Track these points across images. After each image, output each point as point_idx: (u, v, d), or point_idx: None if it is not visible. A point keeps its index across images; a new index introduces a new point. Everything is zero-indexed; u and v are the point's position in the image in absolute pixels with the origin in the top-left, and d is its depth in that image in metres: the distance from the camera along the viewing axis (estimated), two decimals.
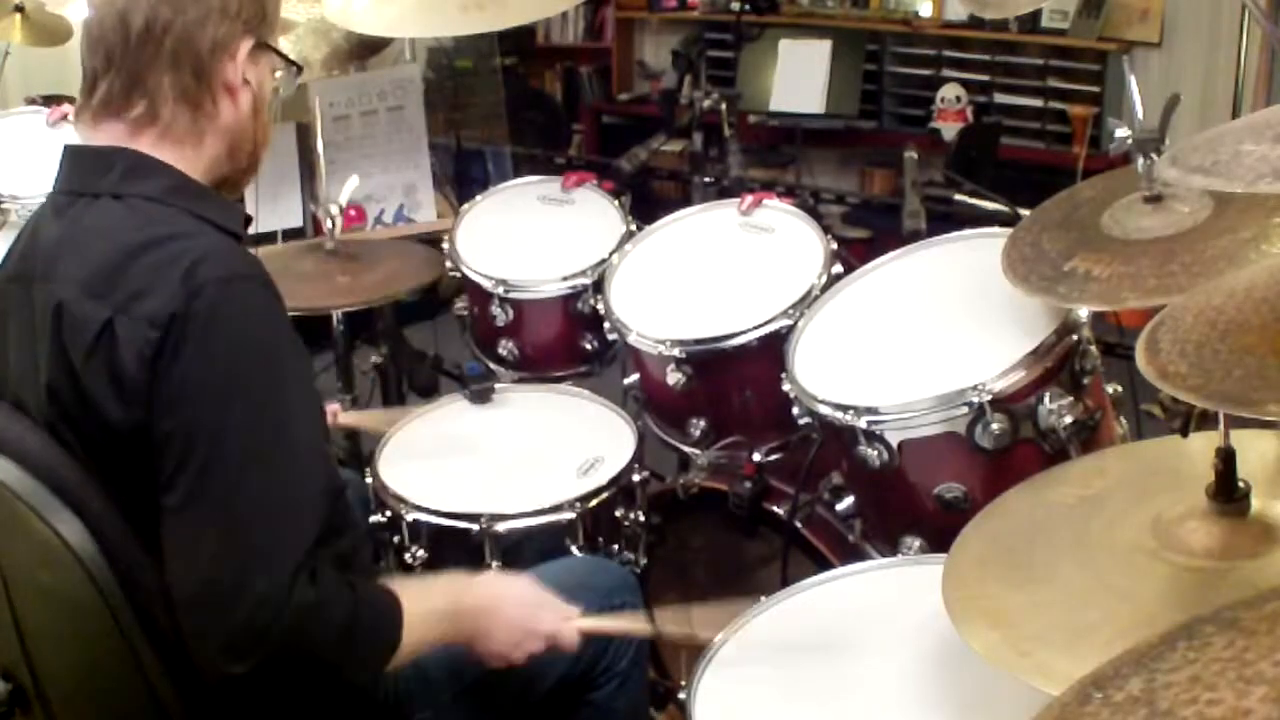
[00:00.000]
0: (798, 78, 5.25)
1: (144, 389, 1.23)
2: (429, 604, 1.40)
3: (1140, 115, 1.59)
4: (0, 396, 1.36)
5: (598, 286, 2.23)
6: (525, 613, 1.47)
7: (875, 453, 1.62)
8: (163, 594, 1.24)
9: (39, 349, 1.30)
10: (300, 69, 1.48)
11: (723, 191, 2.64)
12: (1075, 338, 1.60)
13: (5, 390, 1.37)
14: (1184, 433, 1.22)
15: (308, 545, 1.24)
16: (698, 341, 1.96)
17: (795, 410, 1.76)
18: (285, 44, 2.78)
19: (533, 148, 5.36)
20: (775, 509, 1.94)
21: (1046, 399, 1.57)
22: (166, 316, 1.23)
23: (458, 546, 1.85)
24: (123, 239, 1.30)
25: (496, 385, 2.24)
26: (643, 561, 2.01)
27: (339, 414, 2.21)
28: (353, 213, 2.71)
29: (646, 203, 3.04)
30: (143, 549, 1.26)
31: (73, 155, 1.39)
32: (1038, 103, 5.05)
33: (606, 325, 2.13)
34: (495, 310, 2.35)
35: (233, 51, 1.36)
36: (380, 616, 1.33)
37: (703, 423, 2.03)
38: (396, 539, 1.92)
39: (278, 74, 1.46)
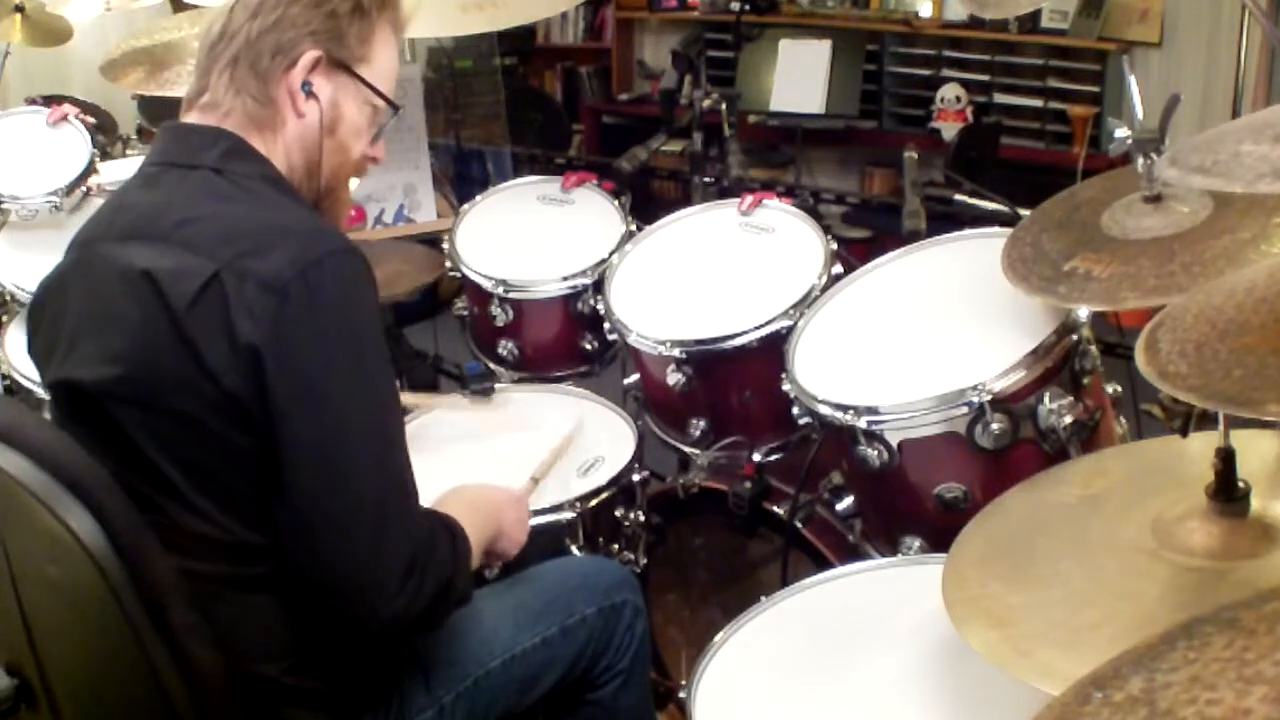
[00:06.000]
0: (798, 78, 5.25)
1: (257, 351, 1.23)
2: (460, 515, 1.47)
3: (1140, 115, 1.59)
4: (43, 371, 1.39)
5: (598, 286, 2.23)
6: (508, 498, 1.67)
7: (875, 452, 1.62)
8: (172, 588, 1.25)
9: (114, 310, 1.30)
10: (397, 109, 1.50)
11: (723, 191, 2.64)
12: (1075, 338, 1.61)
13: (50, 363, 1.38)
14: (1184, 433, 1.22)
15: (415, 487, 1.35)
16: (698, 342, 1.96)
17: (795, 410, 1.76)
18: None
19: (533, 148, 5.36)
20: (775, 509, 1.94)
21: (1046, 399, 1.58)
22: (282, 283, 1.24)
23: None
24: (227, 204, 1.34)
25: (496, 385, 2.24)
26: (643, 561, 2.01)
27: None
28: (353, 213, 2.70)
29: (646, 203, 3.03)
30: (154, 542, 1.25)
31: (173, 131, 1.44)
32: (1038, 103, 5.04)
33: (606, 325, 2.13)
34: (495, 310, 2.35)
35: (294, 58, 1.39)
36: (451, 528, 1.41)
37: (703, 423, 2.03)
38: None
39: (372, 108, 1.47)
